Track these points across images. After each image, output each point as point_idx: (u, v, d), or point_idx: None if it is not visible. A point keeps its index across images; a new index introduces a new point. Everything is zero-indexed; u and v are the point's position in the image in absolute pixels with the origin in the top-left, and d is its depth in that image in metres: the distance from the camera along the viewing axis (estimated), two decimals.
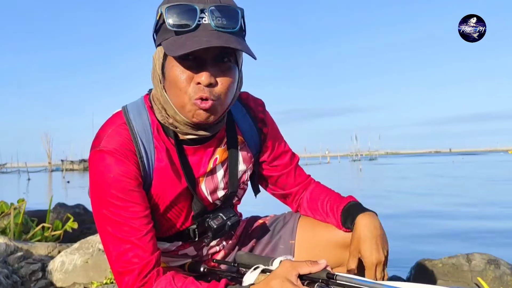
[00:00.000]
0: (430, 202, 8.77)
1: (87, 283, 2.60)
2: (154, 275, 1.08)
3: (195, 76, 1.04)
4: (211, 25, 1.01)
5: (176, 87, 1.06)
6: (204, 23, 1.01)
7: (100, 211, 1.10)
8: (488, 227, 5.64)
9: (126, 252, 1.07)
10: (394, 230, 5.49)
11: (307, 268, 1.00)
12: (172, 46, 1.01)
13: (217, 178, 1.26)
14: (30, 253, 3.10)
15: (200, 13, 1.01)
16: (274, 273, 1.00)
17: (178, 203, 1.21)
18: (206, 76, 1.03)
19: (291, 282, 0.97)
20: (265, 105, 1.37)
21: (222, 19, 1.02)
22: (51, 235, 3.81)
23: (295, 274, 0.99)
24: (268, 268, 1.10)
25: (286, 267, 1.00)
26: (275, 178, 1.42)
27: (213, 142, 1.23)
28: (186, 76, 1.04)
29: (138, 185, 1.11)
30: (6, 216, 4.06)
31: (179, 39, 1.01)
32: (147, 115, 1.17)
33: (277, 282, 0.97)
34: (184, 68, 1.04)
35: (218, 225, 1.23)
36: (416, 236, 5.19)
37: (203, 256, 1.36)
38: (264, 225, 1.48)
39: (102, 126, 1.17)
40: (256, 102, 1.36)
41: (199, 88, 1.04)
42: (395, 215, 6.87)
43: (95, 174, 1.10)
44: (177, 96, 1.07)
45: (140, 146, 1.13)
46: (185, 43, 0.99)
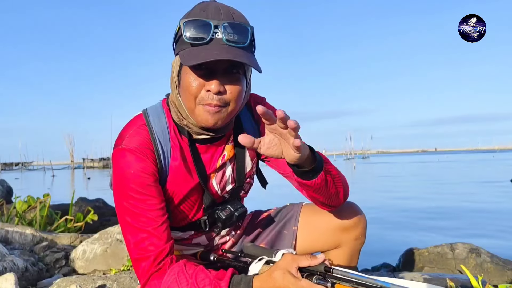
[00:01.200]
0: (417, 196, 8.75)
1: (106, 270, 2.61)
2: (168, 262, 1.09)
3: (206, 84, 1.06)
4: (223, 39, 1.03)
5: (188, 92, 1.08)
6: (217, 38, 1.03)
7: (120, 203, 1.11)
8: (470, 219, 5.63)
9: (143, 240, 1.08)
10: (384, 221, 5.48)
11: (307, 261, 1.01)
12: (187, 56, 1.03)
13: (226, 173, 1.26)
14: (54, 242, 3.11)
15: (214, 28, 1.03)
16: (276, 265, 1.01)
17: (191, 197, 1.22)
18: (216, 85, 1.05)
19: (291, 274, 0.98)
20: (265, 100, 1.35)
21: (233, 35, 1.03)
22: (73, 226, 3.83)
23: (296, 267, 1.00)
24: (271, 259, 1.10)
25: (288, 260, 1.01)
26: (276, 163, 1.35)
27: (222, 141, 1.24)
28: (198, 83, 1.06)
29: (155, 181, 1.12)
30: (33, 209, 4.07)
31: (193, 50, 1.03)
32: (165, 117, 1.19)
33: (279, 274, 0.98)
34: (197, 76, 1.06)
35: (226, 216, 1.23)
36: (404, 226, 5.19)
37: (213, 246, 1.37)
38: (269, 216, 1.49)
39: (125, 127, 1.18)
40: (257, 101, 1.35)
41: (209, 95, 1.06)
42: (385, 208, 6.86)
43: (117, 169, 1.11)
44: (188, 100, 1.09)
45: (158, 146, 1.14)
46: (199, 54, 1.01)
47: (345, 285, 0.96)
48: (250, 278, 1.02)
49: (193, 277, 1.04)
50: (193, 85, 1.06)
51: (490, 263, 2.56)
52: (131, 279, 2.03)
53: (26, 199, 4.21)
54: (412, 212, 6.42)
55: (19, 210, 3.98)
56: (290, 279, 0.97)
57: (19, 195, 4.64)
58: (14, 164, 74.31)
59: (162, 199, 1.13)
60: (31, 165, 79.00)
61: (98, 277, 2.05)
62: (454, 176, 15.90)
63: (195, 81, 1.06)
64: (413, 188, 11.10)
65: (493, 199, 7.76)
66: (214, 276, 1.03)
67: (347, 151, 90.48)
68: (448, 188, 10.56)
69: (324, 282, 0.97)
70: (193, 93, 1.07)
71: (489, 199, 7.77)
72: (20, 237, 3.07)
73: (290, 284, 0.97)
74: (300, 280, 0.97)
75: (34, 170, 61.30)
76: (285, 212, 1.47)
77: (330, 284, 0.97)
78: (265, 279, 1.00)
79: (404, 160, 49.35)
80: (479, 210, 6.48)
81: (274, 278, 0.98)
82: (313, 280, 0.98)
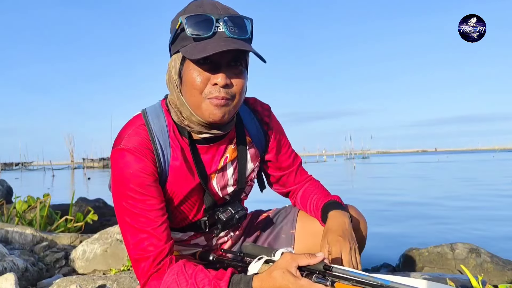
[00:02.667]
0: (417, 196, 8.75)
1: (106, 270, 2.61)
2: (167, 262, 1.08)
3: (212, 77, 1.06)
4: (225, 33, 1.03)
5: (193, 88, 1.07)
6: (219, 31, 1.04)
7: (120, 203, 1.10)
8: (470, 219, 5.63)
9: (142, 241, 1.08)
10: (384, 221, 5.48)
11: (306, 260, 1.00)
12: (193, 51, 1.03)
13: (227, 175, 1.26)
14: (54, 242, 3.11)
15: (216, 22, 1.03)
16: (276, 265, 1.01)
17: (191, 197, 1.22)
18: (223, 78, 1.05)
19: (291, 273, 0.97)
20: (271, 109, 1.38)
21: (234, 28, 1.04)
22: (73, 226, 3.82)
23: (295, 266, 0.99)
24: (270, 258, 1.10)
25: (287, 259, 1.00)
26: (278, 177, 1.42)
27: (224, 142, 1.23)
28: (203, 78, 1.06)
29: (155, 181, 1.12)
30: (33, 209, 4.07)
31: (198, 44, 1.03)
32: (164, 117, 1.18)
33: (279, 273, 0.98)
34: (201, 70, 1.06)
35: (227, 217, 1.23)
36: (404, 226, 5.18)
37: (212, 246, 1.36)
38: (268, 217, 1.48)
39: (124, 127, 1.17)
40: (263, 107, 1.36)
41: (215, 88, 1.06)
42: (385, 208, 6.85)
43: (116, 170, 1.11)
44: (193, 96, 1.08)
45: (157, 145, 1.13)
46: (205, 47, 1.01)
47: (344, 283, 0.96)
48: (249, 278, 1.02)
49: (192, 277, 1.03)
50: (198, 80, 1.06)
51: (490, 263, 2.56)
52: (131, 279, 2.03)
53: (26, 199, 4.21)
54: (412, 212, 6.42)
55: (19, 210, 3.97)
56: (290, 278, 0.97)
57: (19, 195, 4.64)
58: (14, 164, 74.36)
59: (162, 199, 1.12)
60: (31, 165, 78.99)
61: (98, 277, 2.05)
62: (454, 176, 15.89)
63: (200, 75, 1.06)
64: (413, 188, 11.09)
65: (493, 199, 7.76)
66: (214, 276, 1.03)
67: (347, 151, 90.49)
68: (448, 188, 10.55)
69: (324, 281, 0.96)
70: (199, 88, 1.06)
71: (489, 199, 7.76)
72: (20, 237, 3.07)
73: (290, 283, 0.96)
74: (299, 279, 0.97)
75: (34, 170, 61.24)
76: (284, 214, 1.47)
77: (329, 283, 0.96)
78: (264, 278, 1.00)
79: (404, 160, 49.35)
80: (479, 210, 6.48)
81: (274, 278, 0.98)
82: (313, 279, 0.97)
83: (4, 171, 55.12)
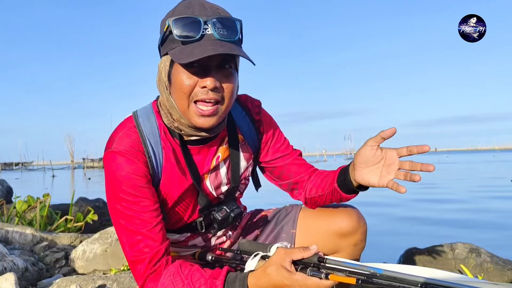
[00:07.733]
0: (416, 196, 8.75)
1: (106, 270, 2.61)
2: (163, 263, 1.09)
3: (200, 81, 1.05)
4: (214, 35, 1.02)
5: (181, 91, 1.06)
6: (208, 34, 1.02)
7: (114, 206, 1.10)
8: (470, 219, 5.63)
9: (138, 242, 1.08)
10: (384, 221, 5.48)
11: (300, 254, 1.00)
12: (181, 54, 1.01)
13: (221, 174, 1.26)
14: (54, 242, 3.11)
15: (204, 25, 1.02)
16: (270, 261, 1.01)
17: (185, 198, 1.21)
18: (211, 81, 1.04)
19: (285, 268, 0.97)
20: (261, 105, 1.36)
21: (223, 30, 1.03)
22: (73, 226, 3.83)
23: (289, 261, 0.99)
24: (267, 254, 1.10)
25: (280, 255, 1.00)
26: (280, 169, 1.38)
27: (215, 142, 1.23)
28: (191, 81, 1.05)
29: (147, 182, 1.11)
30: (33, 209, 4.08)
31: (186, 48, 1.02)
32: (155, 119, 1.18)
33: (273, 269, 0.98)
34: (190, 74, 1.05)
35: (222, 217, 1.23)
36: (404, 226, 5.18)
37: (211, 247, 1.36)
38: (268, 216, 1.48)
39: (115, 130, 1.17)
40: (253, 104, 1.35)
41: (204, 91, 1.05)
42: (385, 207, 6.86)
43: (109, 172, 1.11)
44: (181, 99, 1.07)
45: (149, 147, 1.13)
46: (193, 51, 1.00)
47: (338, 275, 0.96)
48: (245, 276, 1.02)
49: (188, 277, 1.03)
50: (186, 84, 1.05)
51: (490, 263, 2.56)
52: (131, 279, 2.03)
53: (26, 199, 4.22)
54: (412, 212, 6.42)
55: (19, 210, 3.98)
56: (284, 273, 0.97)
57: (19, 195, 4.65)
58: (14, 164, 74.41)
59: (156, 200, 1.12)
60: (31, 165, 79.05)
61: (98, 277, 2.05)
62: (454, 176, 15.89)
63: (188, 79, 1.05)
64: (412, 188, 11.09)
65: (493, 199, 7.75)
66: (210, 275, 1.03)
67: (347, 151, 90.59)
68: (448, 188, 10.55)
69: (319, 274, 0.97)
70: (187, 91, 1.05)
71: (489, 199, 7.76)
72: (20, 237, 3.07)
73: (285, 278, 0.96)
74: (294, 274, 0.97)
75: (34, 170, 61.23)
76: (284, 214, 1.46)
77: (324, 275, 0.96)
78: (259, 275, 1.00)
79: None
80: (479, 209, 6.48)
81: (269, 274, 0.98)
82: (308, 272, 0.97)
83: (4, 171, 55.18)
